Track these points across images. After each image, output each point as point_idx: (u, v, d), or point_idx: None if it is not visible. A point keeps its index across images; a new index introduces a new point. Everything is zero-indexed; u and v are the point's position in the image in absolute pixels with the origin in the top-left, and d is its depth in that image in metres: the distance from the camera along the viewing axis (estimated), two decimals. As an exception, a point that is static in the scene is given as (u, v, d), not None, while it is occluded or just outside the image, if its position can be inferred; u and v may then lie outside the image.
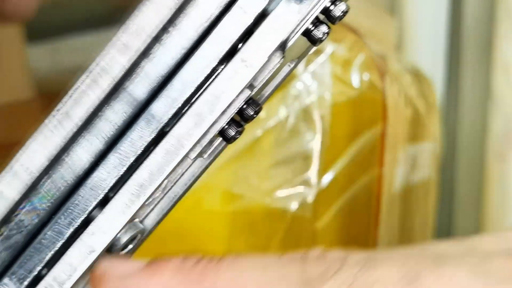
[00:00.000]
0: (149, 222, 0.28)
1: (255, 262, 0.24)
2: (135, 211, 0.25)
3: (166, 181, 0.26)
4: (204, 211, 0.52)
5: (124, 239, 0.26)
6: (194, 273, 0.24)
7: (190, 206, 0.50)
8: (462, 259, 0.24)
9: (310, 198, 0.53)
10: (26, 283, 0.25)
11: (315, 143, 0.54)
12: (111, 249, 0.26)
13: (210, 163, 0.28)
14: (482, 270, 0.24)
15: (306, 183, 0.53)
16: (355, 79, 0.54)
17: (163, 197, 0.28)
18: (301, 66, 0.53)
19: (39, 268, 0.25)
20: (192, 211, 0.51)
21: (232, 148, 0.52)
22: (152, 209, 0.28)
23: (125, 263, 0.25)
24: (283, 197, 0.52)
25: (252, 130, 0.52)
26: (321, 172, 0.54)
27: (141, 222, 0.27)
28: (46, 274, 0.25)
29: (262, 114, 0.53)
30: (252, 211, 0.52)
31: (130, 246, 0.26)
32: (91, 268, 0.26)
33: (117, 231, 0.25)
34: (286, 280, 0.24)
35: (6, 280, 0.25)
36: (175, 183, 0.28)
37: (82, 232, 0.25)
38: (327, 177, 0.55)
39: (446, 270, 0.24)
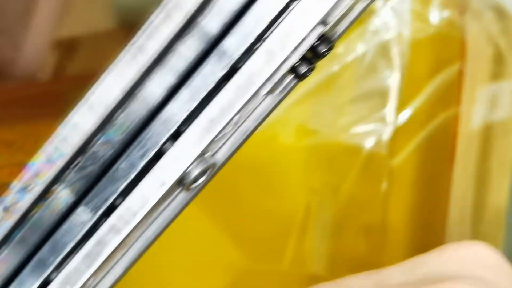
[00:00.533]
0: (221, 156, 0.28)
1: None
2: (205, 145, 0.25)
3: (237, 116, 0.26)
4: (278, 146, 0.52)
5: (194, 172, 0.26)
6: None
7: (264, 141, 0.51)
8: None
9: (386, 136, 0.53)
10: (100, 212, 0.26)
11: (392, 80, 0.53)
12: (182, 182, 0.26)
13: (281, 100, 0.28)
14: None
15: (382, 120, 0.53)
16: (435, 16, 0.53)
17: (234, 132, 0.28)
18: (380, 2, 0.52)
19: (112, 198, 0.26)
20: (266, 146, 0.51)
21: (308, 83, 0.52)
22: (224, 143, 0.28)
23: None
24: (359, 134, 0.52)
25: (329, 66, 0.52)
26: (398, 109, 0.54)
27: (212, 156, 0.27)
28: (119, 204, 0.26)
29: (339, 49, 0.53)
30: (327, 147, 0.52)
31: (201, 180, 0.27)
32: (164, 199, 0.26)
33: (188, 165, 0.26)
34: None
35: (81, 209, 0.26)
36: (246, 119, 0.28)
37: (154, 165, 0.26)
38: (404, 115, 0.54)
39: None
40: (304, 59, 0.26)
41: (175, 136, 0.26)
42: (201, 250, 0.59)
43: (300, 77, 0.26)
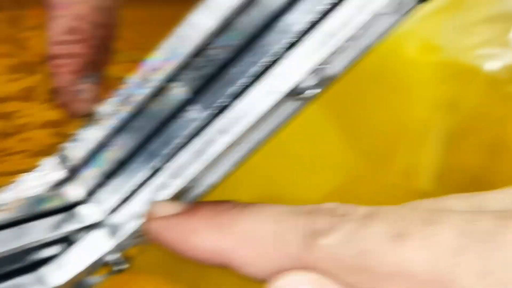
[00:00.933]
0: (336, 69, 0.28)
1: (272, 213, 0.26)
2: (321, 58, 0.26)
3: (356, 32, 0.26)
4: (402, 59, 0.51)
5: (308, 83, 0.26)
6: (220, 220, 0.26)
7: (388, 53, 0.50)
8: (458, 217, 0.24)
9: (508, 60, 0.51)
10: (211, 112, 0.27)
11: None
12: (294, 91, 0.26)
13: (402, 19, 0.27)
14: (470, 230, 0.23)
15: (507, 44, 0.51)
16: None
17: (352, 46, 0.28)
18: None
19: (225, 100, 0.27)
20: (390, 58, 0.50)
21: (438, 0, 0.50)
22: (340, 57, 0.28)
23: (170, 206, 0.27)
24: (483, 55, 0.51)
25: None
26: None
27: (327, 68, 0.27)
28: (231, 107, 0.26)
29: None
30: (449, 65, 0.51)
31: (314, 90, 0.27)
32: (274, 108, 0.27)
33: (302, 75, 0.26)
34: (294, 231, 0.25)
35: (193, 107, 0.27)
36: (365, 34, 0.28)
37: (268, 72, 0.26)
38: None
39: (434, 229, 0.24)
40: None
41: (292, 46, 0.26)
42: (317, 150, 0.60)
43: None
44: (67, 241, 0.29)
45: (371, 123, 0.56)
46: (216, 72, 0.26)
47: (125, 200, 0.28)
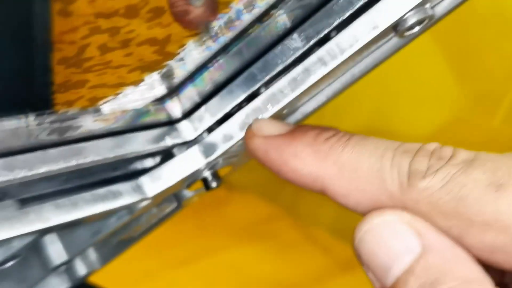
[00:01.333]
0: (441, 9, 0.28)
1: (375, 148, 0.26)
2: (425, -3, 0.25)
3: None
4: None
5: (411, 20, 0.26)
6: (323, 148, 0.26)
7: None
8: None
9: None
10: (312, 42, 0.27)
11: None
12: (396, 28, 0.26)
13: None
14: None
15: None
16: None
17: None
18: None
19: (326, 31, 0.27)
20: (503, 2, 0.49)
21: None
22: (445, -2, 0.28)
23: (274, 125, 0.27)
24: None
25: None
26: None
27: (432, 8, 0.27)
28: (331, 38, 0.27)
29: None
30: None
31: (417, 28, 0.27)
32: (375, 41, 0.27)
33: (404, 12, 0.26)
34: (395, 169, 0.25)
35: (295, 35, 0.27)
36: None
37: (371, 7, 0.26)
38: None
39: None
40: None
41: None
42: (427, 85, 0.60)
43: None
44: (164, 154, 0.30)
45: (482, 66, 0.55)
46: (320, 2, 0.27)
47: (221, 121, 0.29)
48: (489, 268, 0.25)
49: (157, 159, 0.31)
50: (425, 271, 0.24)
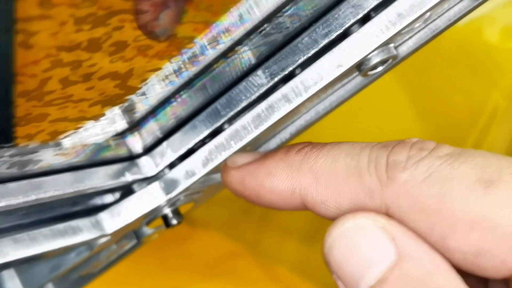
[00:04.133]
0: (404, 49, 0.28)
1: (352, 148, 0.25)
2: (388, 37, 0.25)
3: (428, 14, 0.26)
4: (480, 42, 0.50)
5: (374, 60, 0.26)
6: (296, 159, 0.26)
7: (467, 35, 0.49)
8: None
9: None
10: (276, 79, 0.27)
11: None
12: (360, 67, 0.26)
13: (479, 4, 0.27)
14: None
15: None
16: None
17: (423, 28, 0.28)
18: None
19: (290, 68, 0.27)
20: (468, 40, 0.50)
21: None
22: (410, 37, 0.28)
23: (247, 156, 0.28)
24: None
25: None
26: None
27: (395, 47, 0.27)
28: (295, 76, 0.27)
29: None
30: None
31: (380, 68, 0.27)
32: (339, 79, 0.27)
33: (368, 52, 0.26)
34: (372, 163, 0.24)
35: (260, 72, 0.27)
36: (439, 17, 0.28)
37: (335, 46, 0.26)
38: None
39: None
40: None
41: (362, 21, 0.26)
42: (390, 123, 0.60)
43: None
44: (124, 190, 0.30)
45: (446, 106, 0.55)
46: (284, 40, 0.27)
47: (184, 157, 0.29)
48: (471, 277, 0.23)
49: (117, 194, 0.30)
50: (399, 281, 0.23)
